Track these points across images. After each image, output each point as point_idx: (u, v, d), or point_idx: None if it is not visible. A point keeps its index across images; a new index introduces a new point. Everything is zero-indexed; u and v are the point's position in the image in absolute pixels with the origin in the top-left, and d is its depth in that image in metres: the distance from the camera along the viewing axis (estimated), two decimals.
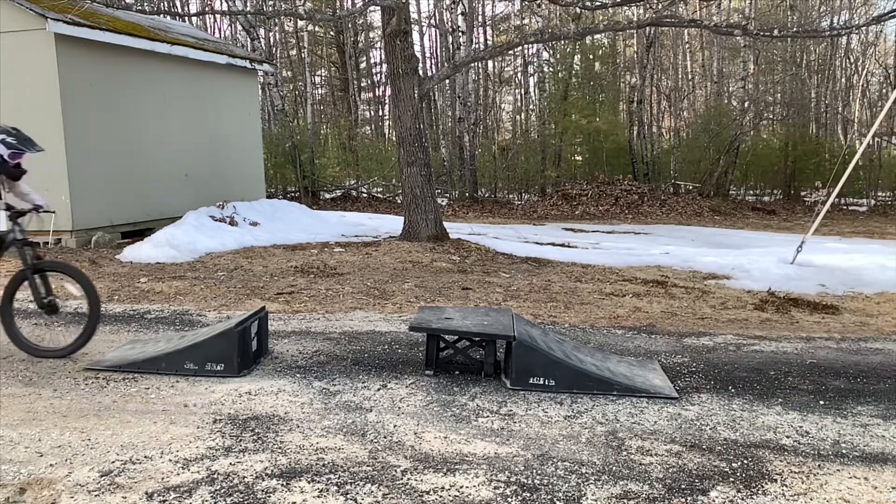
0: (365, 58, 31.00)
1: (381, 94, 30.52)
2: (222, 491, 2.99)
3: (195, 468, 3.21)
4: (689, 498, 2.98)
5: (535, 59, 23.64)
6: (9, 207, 4.90)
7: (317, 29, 28.59)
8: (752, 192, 21.45)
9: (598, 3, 11.23)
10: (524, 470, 3.21)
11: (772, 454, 3.42)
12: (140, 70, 11.14)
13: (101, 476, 3.13)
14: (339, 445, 3.46)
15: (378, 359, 4.93)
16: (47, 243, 9.98)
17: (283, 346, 5.21)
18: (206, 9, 24.15)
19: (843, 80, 23.86)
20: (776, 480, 3.15)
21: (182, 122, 12.13)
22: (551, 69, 21.60)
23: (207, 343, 4.55)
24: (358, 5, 14.76)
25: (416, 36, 27.17)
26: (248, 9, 19.68)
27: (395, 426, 3.71)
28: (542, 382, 4.25)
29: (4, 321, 4.92)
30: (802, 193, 20.62)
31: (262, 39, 23.22)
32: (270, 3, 22.43)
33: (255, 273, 8.22)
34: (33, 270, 4.88)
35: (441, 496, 2.96)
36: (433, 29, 27.36)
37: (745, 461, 3.34)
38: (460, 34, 19.69)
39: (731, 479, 3.15)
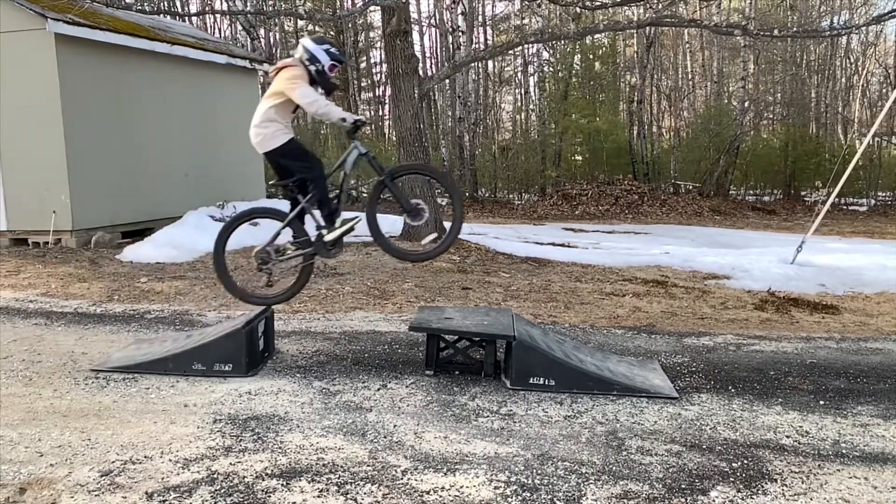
0: (365, 58, 30.96)
1: (381, 94, 30.50)
2: (222, 491, 2.99)
3: (195, 468, 3.21)
4: (689, 498, 2.98)
5: (535, 59, 23.64)
6: (344, 120, 4.70)
7: (317, 29, 28.57)
8: (752, 192, 21.46)
9: (598, 3, 11.22)
10: (524, 470, 3.21)
11: (772, 454, 3.42)
12: (140, 70, 11.13)
13: (101, 476, 3.13)
14: (339, 445, 3.46)
15: (378, 359, 4.93)
16: (47, 243, 9.98)
17: (283, 346, 5.21)
18: (206, 9, 24.13)
19: (843, 80, 23.87)
20: (776, 480, 3.15)
21: (182, 121, 12.12)
22: (551, 69, 21.61)
23: (215, 343, 4.54)
24: (358, 5, 14.75)
25: (416, 36, 27.15)
26: (248, 9, 19.68)
27: (395, 426, 3.71)
28: (542, 382, 4.25)
29: (372, 231, 4.86)
30: (802, 193, 20.63)
31: (262, 39, 23.21)
32: (270, 3, 22.42)
33: (254, 273, 8.21)
34: (391, 177, 4.82)
35: (441, 496, 2.96)
36: (433, 29, 27.34)
37: (745, 461, 3.34)
38: (460, 34, 19.69)
39: (731, 479, 3.15)
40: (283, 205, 5.09)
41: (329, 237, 4.83)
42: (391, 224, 12.43)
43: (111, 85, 10.67)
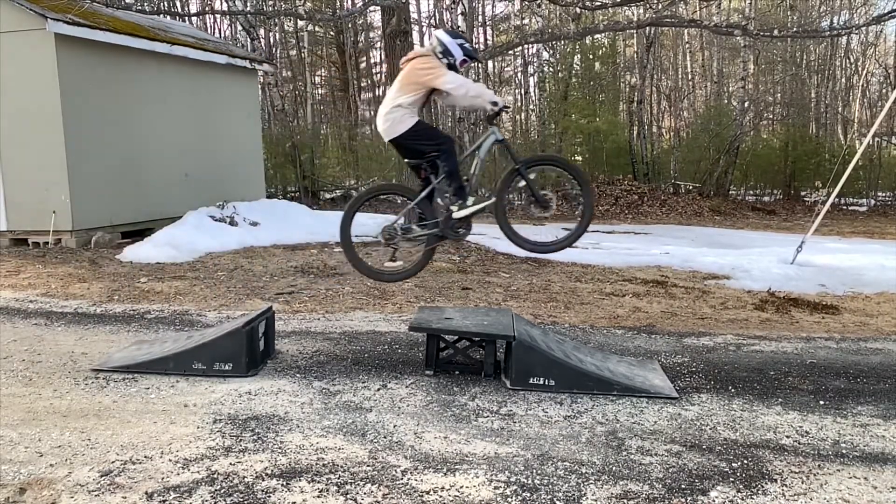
0: (365, 58, 30.98)
1: (380, 94, 30.48)
2: (222, 491, 2.99)
3: (195, 468, 3.21)
4: (689, 498, 2.98)
5: (535, 59, 23.63)
6: (494, 105, 4.67)
7: (317, 29, 28.57)
8: (752, 192, 21.44)
9: (598, 3, 11.23)
10: (524, 470, 3.21)
11: (772, 454, 3.42)
12: (140, 70, 11.13)
13: (101, 476, 3.13)
14: (339, 445, 3.46)
15: (378, 359, 4.93)
16: (47, 243, 9.97)
17: (283, 346, 5.21)
18: (206, 9, 24.14)
19: (843, 80, 23.86)
20: (776, 480, 3.15)
21: (182, 121, 12.12)
22: (551, 69, 21.60)
23: (216, 343, 4.54)
24: (358, 5, 14.75)
25: (416, 36, 27.14)
26: (248, 9, 19.67)
27: (395, 426, 3.71)
28: (541, 382, 4.25)
29: (499, 217, 4.81)
30: (802, 193, 20.62)
31: (262, 39, 23.20)
32: (270, 3, 22.42)
33: (255, 273, 8.22)
34: (526, 166, 4.79)
35: (441, 496, 2.96)
36: (433, 29, 27.34)
37: (745, 461, 3.34)
38: None
39: (731, 479, 3.15)
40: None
41: (459, 214, 4.79)
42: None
43: (111, 85, 10.67)
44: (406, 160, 4.94)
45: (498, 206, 4.81)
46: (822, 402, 4.14)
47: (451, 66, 4.71)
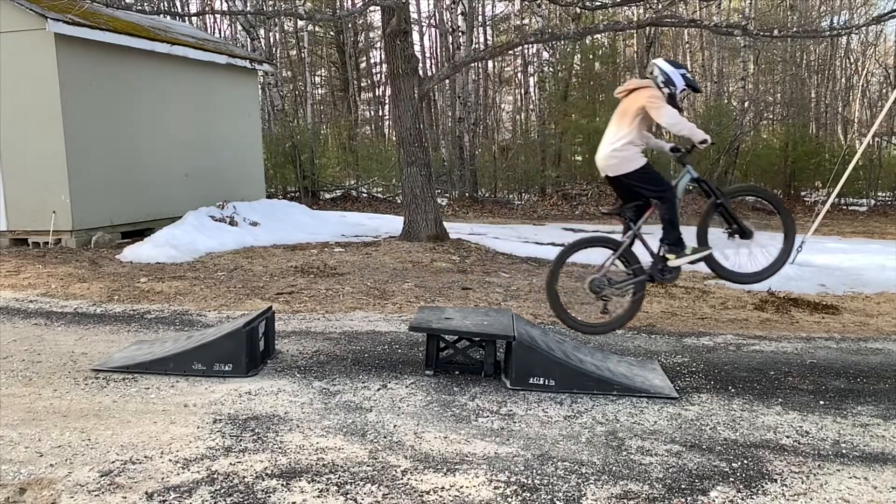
0: (365, 58, 30.99)
1: (381, 94, 30.51)
2: (222, 491, 2.99)
3: (195, 468, 3.21)
4: (689, 498, 2.98)
5: (535, 59, 23.63)
6: (675, 150, 4.79)
7: (317, 29, 28.57)
8: None
9: (598, 3, 11.23)
10: (524, 470, 3.21)
11: (772, 454, 3.42)
12: (140, 70, 11.13)
13: (101, 476, 3.13)
14: (339, 445, 3.46)
15: (378, 359, 4.93)
16: (47, 243, 9.98)
17: (283, 346, 5.21)
18: (206, 9, 24.14)
19: (843, 80, 23.85)
20: (776, 480, 3.15)
21: (182, 121, 12.12)
22: (551, 69, 21.59)
23: (216, 343, 4.54)
24: (358, 5, 14.76)
25: (416, 36, 27.14)
26: (248, 9, 19.67)
27: (395, 426, 3.71)
28: (541, 382, 4.25)
29: (712, 264, 4.80)
30: (802, 193, 20.60)
31: (262, 39, 23.21)
32: (270, 3, 22.42)
33: (255, 273, 8.22)
34: (729, 197, 4.82)
35: (441, 496, 2.96)
36: (433, 29, 27.35)
37: (745, 461, 3.34)
38: (460, 34, 19.68)
39: (731, 479, 3.15)
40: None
41: (675, 262, 4.78)
42: (392, 225, 12.43)
43: (111, 85, 10.67)
44: (604, 211, 5.03)
45: (712, 254, 4.81)
46: (822, 402, 4.14)
47: (671, 96, 4.71)
